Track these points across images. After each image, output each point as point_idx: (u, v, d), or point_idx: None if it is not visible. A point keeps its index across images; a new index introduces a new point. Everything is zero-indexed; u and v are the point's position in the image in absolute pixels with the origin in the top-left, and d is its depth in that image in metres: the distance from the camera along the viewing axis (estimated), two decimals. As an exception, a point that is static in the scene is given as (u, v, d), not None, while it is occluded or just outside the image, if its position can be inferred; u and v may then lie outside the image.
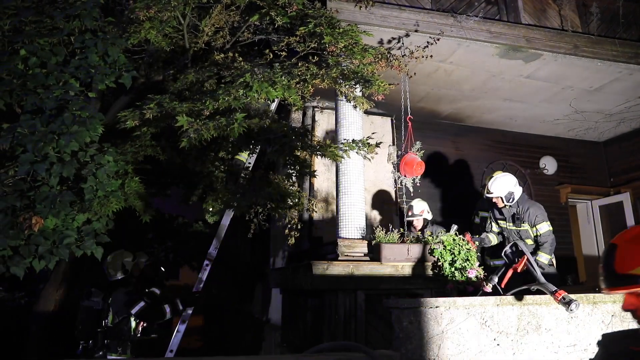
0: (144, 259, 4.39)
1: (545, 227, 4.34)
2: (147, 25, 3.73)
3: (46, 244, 2.93)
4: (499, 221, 4.72)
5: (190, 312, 4.29)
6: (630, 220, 7.12)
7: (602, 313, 2.92)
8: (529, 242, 4.46)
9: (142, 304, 3.94)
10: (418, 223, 5.01)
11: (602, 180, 7.71)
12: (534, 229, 4.37)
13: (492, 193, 4.50)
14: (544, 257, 4.27)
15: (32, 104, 2.81)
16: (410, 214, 4.99)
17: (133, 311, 3.90)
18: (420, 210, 4.99)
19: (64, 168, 2.69)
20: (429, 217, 5.06)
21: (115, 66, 3.09)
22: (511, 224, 4.55)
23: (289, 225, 3.92)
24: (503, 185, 4.48)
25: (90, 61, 3.00)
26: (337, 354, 2.49)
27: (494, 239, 4.77)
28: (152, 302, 4.01)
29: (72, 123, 2.75)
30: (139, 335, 4.02)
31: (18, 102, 2.99)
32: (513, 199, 4.46)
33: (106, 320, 3.96)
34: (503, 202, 4.49)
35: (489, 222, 4.88)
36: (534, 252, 4.35)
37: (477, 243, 4.56)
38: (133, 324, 3.96)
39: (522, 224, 4.43)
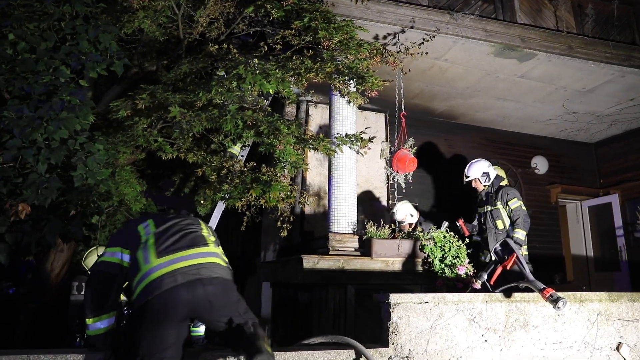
0: None
1: (516, 203, 4.53)
2: (141, 15, 3.68)
3: (33, 232, 2.90)
4: (477, 209, 4.90)
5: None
6: (618, 221, 7.20)
7: (588, 311, 2.96)
8: (500, 224, 4.59)
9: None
10: (405, 227, 4.98)
11: (592, 181, 7.79)
12: (507, 207, 4.57)
13: (469, 177, 4.82)
14: (520, 233, 4.40)
15: (20, 89, 2.76)
16: (394, 219, 5.01)
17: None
18: (403, 216, 4.99)
19: (52, 154, 2.65)
20: (414, 219, 5.02)
21: (106, 53, 3.04)
22: (487, 205, 4.75)
23: (281, 218, 3.90)
24: (478, 168, 4.79)
25: (81, 48, 2.96)
26: (326, 347, 2.49)
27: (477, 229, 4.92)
28: None
29: (61, 109, 2.70)
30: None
31: (6, 87, 2.94)
32: (489, 179, 4.76)
33: None
34: (481, 183, 4.78)
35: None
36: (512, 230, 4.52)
37: (469, 229, 4.81)
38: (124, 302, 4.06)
39: (496, 202, 4.63)
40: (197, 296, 2.04)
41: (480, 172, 4.78)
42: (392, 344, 2.53)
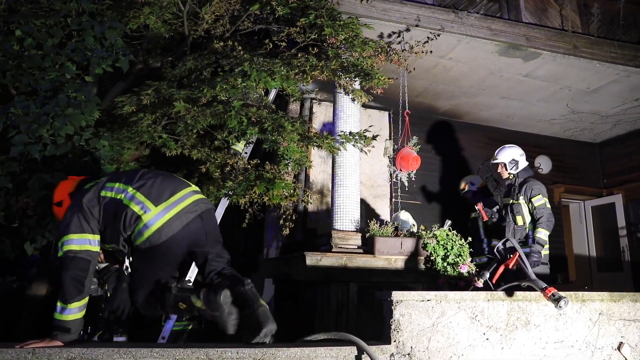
0: None
1: (540, 200, 4.26)
2: (147, 11, 3.70)
3: (38, 227, 2.92)
4: (503, 199, 4.69)
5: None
6: (621, 222, 7.18)
7: (590, 311, 2.96)
8: (519, 220, 4.36)
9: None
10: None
11: (596, 181, 7.77)
12: (530, 203, 4.30)
13: (496, 159, 4.56)
14: (542, 233, 4.17)
15: (27, 85, 2.78)
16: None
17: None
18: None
19: (57, 150, 2.67)
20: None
21: (112, 50, 3.06)
22: (508, 198, 4.50)
23: (284, 216, 3.92)
24: (509, 153, 4.53)
25: (87, 44, 2.97)
26: (328, 343, 2.51)
27: (496, 217, 4.78)
28: None
29: (67, 105, 2.73)
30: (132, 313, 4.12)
31: (13, 83, 2.96)
32: (516, 168, 4.48)
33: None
34: (506, 169, 4.51)
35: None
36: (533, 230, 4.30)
37: (488, 214, 4.68)
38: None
39: (518, 197, 4.37)
40: (196, 230, 2.33)
41: (509, 157, 4.49)
42: (394, 341, 2.54)
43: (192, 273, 4.30)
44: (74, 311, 2.20)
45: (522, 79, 5.80)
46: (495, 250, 3.29)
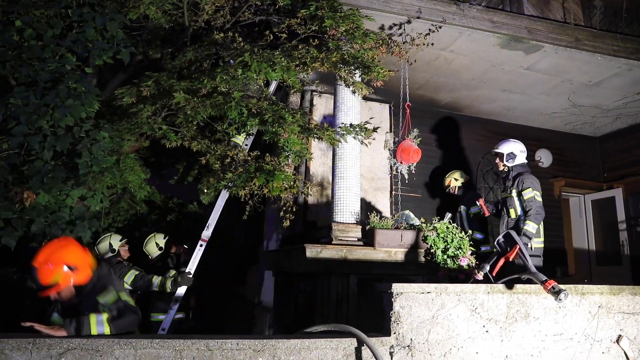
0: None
1: (529, 193, 4.32)
2: (147, 1, 3.67)
3: (39, 221, 2.92)
4: (501, 193, 4.84)
5: (182, 292, 4.30)
6: (621, 216, 7.19)
7: (590, 304, 2.97)
8: (512, 212, 4.46)
9: (135, 273, 4.20)
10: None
11: (596, 175, 7.76)
12: (521, 196, 4.38)
13: (496, 149, 4.68)
14: (530, 226, 4.22)
15: (26, 76, 2.77)
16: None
17: (127, 279, 4.10)
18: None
19: (57, 142, 2.66)
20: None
21: (113, 41, 3.04)
22: (504, 192, 4.63)
23: (284, 208, 3.92)
24: (509, 146, 4.64)
25: (87, 35, 2.95)
26: (328, 335, 2.52)
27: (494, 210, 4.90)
28: (142, 272, 4.29)
29: (67, 96, 2.71)
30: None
31: (12, 74, 2.94)
32: (512, 162, 4.58)
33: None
34: (502, 162, 4.62)
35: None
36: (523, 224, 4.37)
37: (490, 209, 4.80)
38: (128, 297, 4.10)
39: (511, 190, 4.48)
40: None
41: (508, 149, 4.60)
42: (394, 333, 2.56)
43: (193, 265, 4.32)
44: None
45: (524, 72, 5.77)
46: (495, 243, 3.29)
